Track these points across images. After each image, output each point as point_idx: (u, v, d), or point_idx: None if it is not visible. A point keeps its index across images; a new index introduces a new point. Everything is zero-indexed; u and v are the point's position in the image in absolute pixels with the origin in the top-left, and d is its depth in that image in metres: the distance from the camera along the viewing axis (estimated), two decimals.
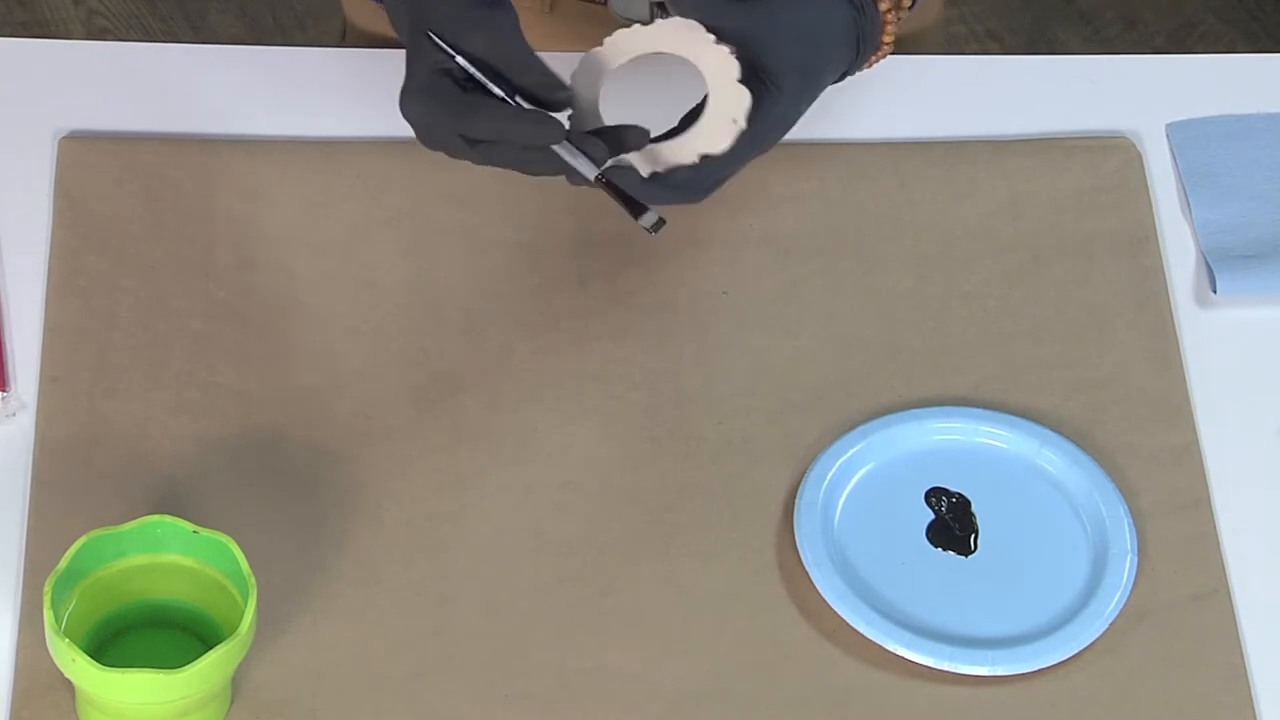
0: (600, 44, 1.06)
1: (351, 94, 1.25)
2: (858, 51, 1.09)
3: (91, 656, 0.98)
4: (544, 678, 1.05)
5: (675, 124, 1.07)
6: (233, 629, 1.00)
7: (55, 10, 2.24)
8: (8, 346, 1.14)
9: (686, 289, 1.18)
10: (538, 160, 1.03)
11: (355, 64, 1.26)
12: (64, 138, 1.21)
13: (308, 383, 1.14)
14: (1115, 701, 1.06)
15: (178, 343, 1.14)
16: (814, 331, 1.17)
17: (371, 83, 1.25)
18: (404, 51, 1.26)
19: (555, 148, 1.03)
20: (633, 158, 1.05)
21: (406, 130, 1.23)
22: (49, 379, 1.12)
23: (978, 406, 1.15)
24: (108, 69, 1.24)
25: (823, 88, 1.07)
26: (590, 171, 1.04)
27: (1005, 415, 1.14)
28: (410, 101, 1.04)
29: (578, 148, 1.03)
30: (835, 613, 1.07)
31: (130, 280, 1.16)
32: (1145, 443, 1.15)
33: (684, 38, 1.04)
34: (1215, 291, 1.21)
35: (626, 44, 1.05)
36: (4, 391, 1.12)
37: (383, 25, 1.32)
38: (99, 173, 1.19)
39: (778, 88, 1.04)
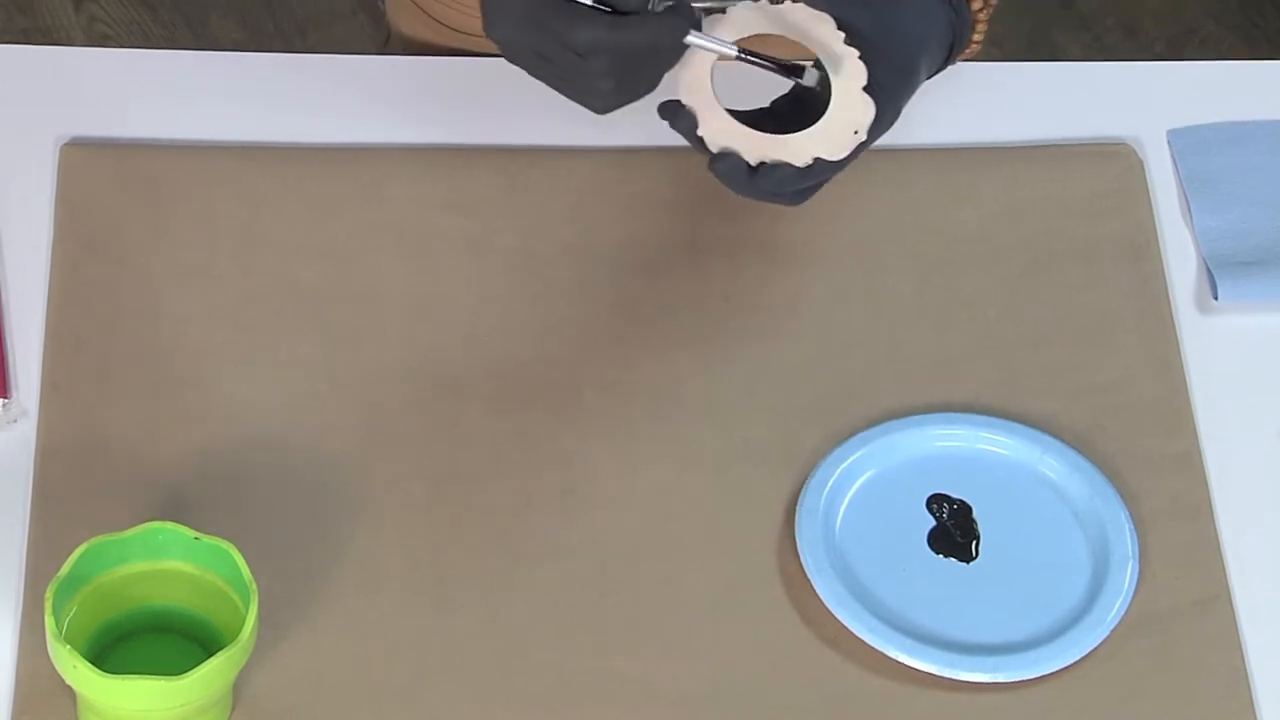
0: (723, 11, 1.04)
1: (353, 100, 1.25)
2: (950, 51, 1.10)
3: (93, 663, 0.98)
4: (544, 683, 1.05)
5: (765, 105, 1.05)
6: (234, 635, 1.00)
7: (56, 17, 2.24)
8: (9, 353, 1.14)
9: (687, 295, 1.18)
10: (643, 65, 1.00)
11: (357, 70, 1.27)
12: (65, 144, 1.21)
13: (308, 389, 1.14)
14: (1117, 708, 1.06)
15: (179, 349, 1.14)
16: (815, 338, 1.17)
17: (373, 89, 1.25)
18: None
19: (688, 38, 1.00)
20: (739, 146, 1.04)
21: (408, 137, 1.24)
22: (50, 386, 1.12)
23: (979, 413, 1.15)
24: (109, 76, 1.24)
25: (916, 87, 1.07)
26: (731, 50, 1.02)
27: (1006, 422, 1.14)
28: (502, 15, 1.00)
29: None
30: (836, 619, 1.07)
31: (131, 287, 1.16)
32: (1146, 448, 1.15)
33: (814, 28, 1.03)
34: (1216, 298, 1.21)
35: (752, 19, 1.04)
36: (5, 398, 1.12)
37: (426, 32, 1.33)
38: (100, 179, 1.19)
39: (881, 88, 1.04)
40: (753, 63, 1.03)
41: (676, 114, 1.03)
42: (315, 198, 1.20)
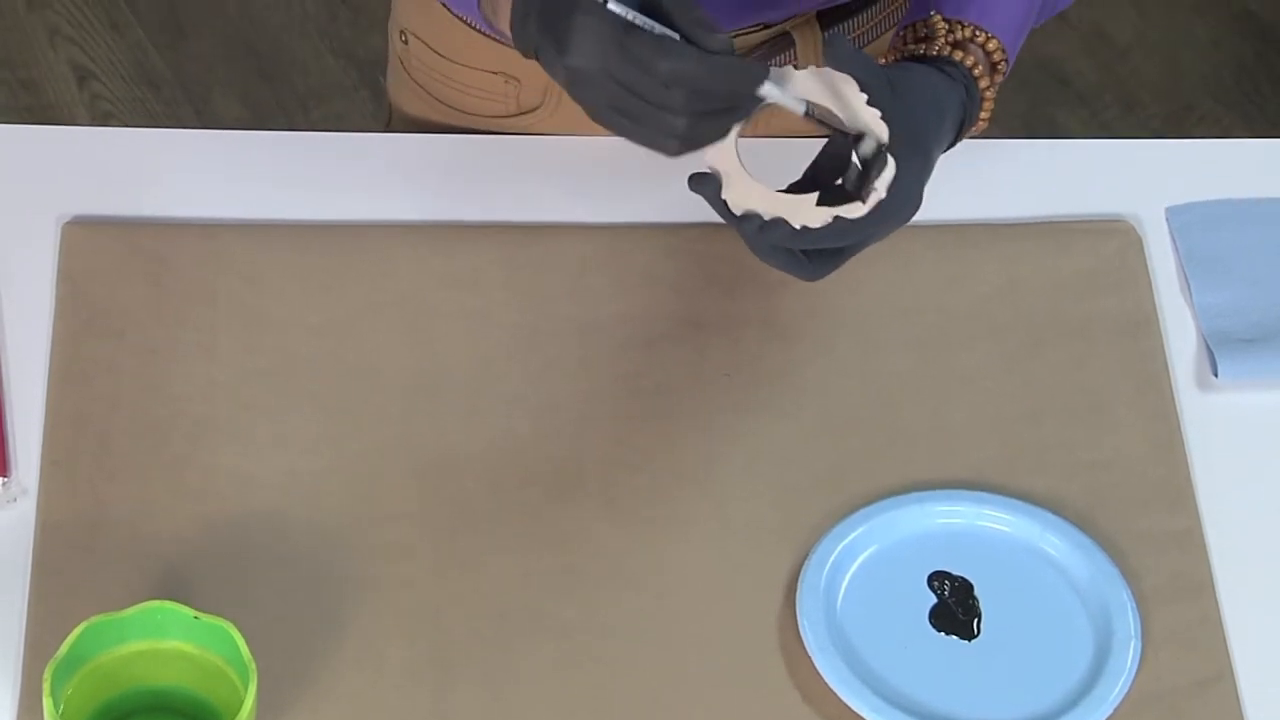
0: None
1: (354, 178, 1.25)
2: (959, 130, 1.10)
3: None
4: None
5: (797, 180, 1.06)
6: (233, 715, 1.00)
7: (59, 95, 2.25)
8: (9, 431, 1.14)
9: (687, 371, 1.19)
10: (714, 111, 1.01)
11: (359, 148, 1.27)
12: (67, 223, 1.22)
13: (309, 466, 1.13)
14: None
15: (179, 427, 1.14)
16: (814, 414, 1.17)
17: (374, 167, 1.26)
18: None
19: (760, 90, 1.01)
20: (759, 207, 1.04)
21: (408, 214, 1.24)
22: (50, 463, 1.12)
23: (979, 489, 1.15)
24: (111, 154, 1.25)
25: (932, 167, 1.08)
26: (800, 108, 1.03)
27: (1007, 499, 1.14)
28: (584, 40, 1.00)
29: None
30: (838, 697, 1.07)
31: (132, 364, 1.16)
32: (1147, 526, 1.14)
33: (839, 91, 1.04)
34: (1216, 375, 1.21)
35: (803, 84, 1.05)
36: (5, 477, 1.12)
37: (426, 109, 1.34)
38: (102, 257, 1.20)
39: (904, 173, 1.04)
40: (818, 122, 1.04)
41: (702, 180, 1.04)
42: (316, 274, 1.20)
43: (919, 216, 1.26)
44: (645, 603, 1.10)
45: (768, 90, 1.02)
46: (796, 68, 1.05)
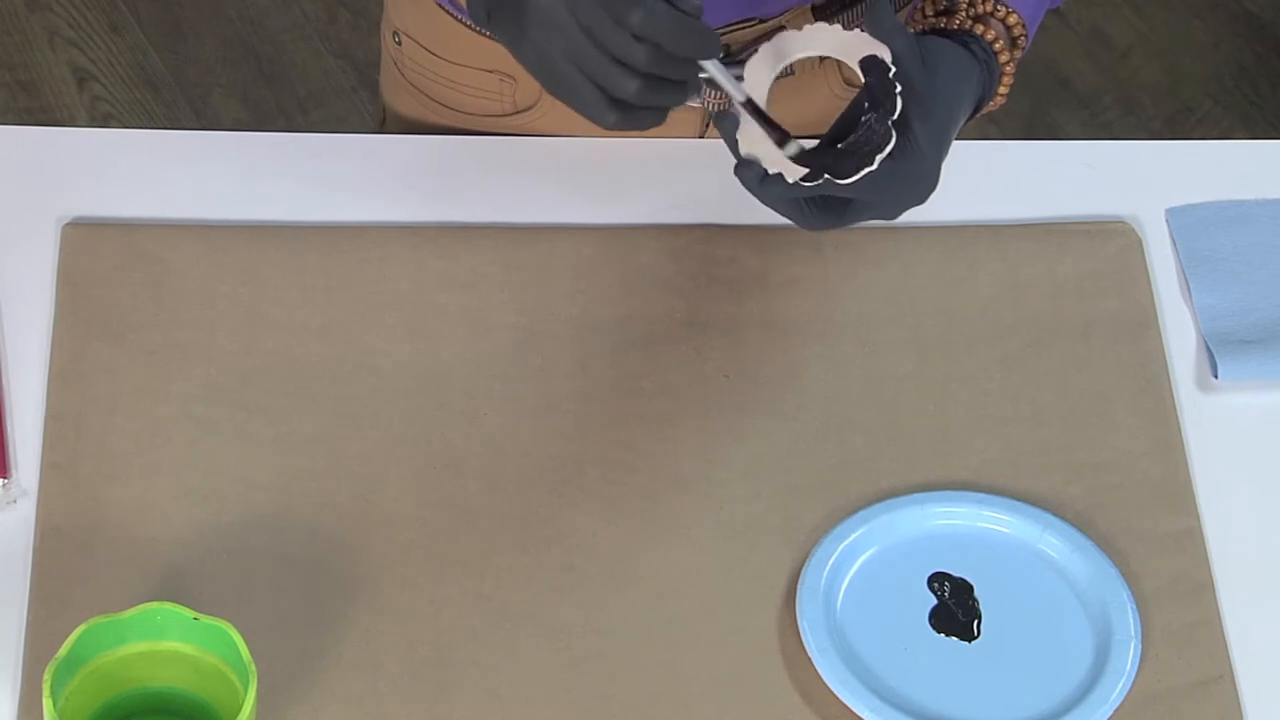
0: (795, 29, 1.05)
1: (353, 179, 1.25)
2: (976, 106, 1.10)
3: None
4: None
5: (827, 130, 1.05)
6: (233, 716, 1.00)
7: (59, 97, 2.26)
8: (9, 432, 1.14)
9: (687, 372, 1.19)
10: (669, 81, 0.99)
11: (358, 150, 1.27)
12: (67, 224, 1.22)
13: (309, 467, 1.13)
14: None
15: (179, 428, 1.14)
16: (815, 415, 1.17)
17: (373, 168, 1.26)
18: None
19: (708, 64, 1.00)
20: (761, 155, 1.03)
21: (408, 215, 1.24)
22: (50, 465, 1.12)
23: (979, 490, 1.15)
24: (111, 155, 1.25)
25: (949, 146, 1.07)
26: (740, 95, 1.02)
27: (1007, 500, 1.14)
28: None
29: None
30: (838, 699, 1.07)
31: (132, 366, 1.16)
32: (1148, 527, 1.14)
33: (874, 53, 1.03)
34: (1216, 376, 1.21)
35: (820, 37, 1.04)
36: (5, 478, 1.12)
37: (421, 110, 1.34)
38: (102, 259, 1.20)
39: (924, 155, 1.04)
40: (752, 115, 1.03)
41: (724, 118, 1.04)
42: (316, 276, 1.20)
43: (921, 218, 1.26)
44: (645, 603, 1.10)
45: (712, 68, 1.00)
46: (845, 27, 1.03)
